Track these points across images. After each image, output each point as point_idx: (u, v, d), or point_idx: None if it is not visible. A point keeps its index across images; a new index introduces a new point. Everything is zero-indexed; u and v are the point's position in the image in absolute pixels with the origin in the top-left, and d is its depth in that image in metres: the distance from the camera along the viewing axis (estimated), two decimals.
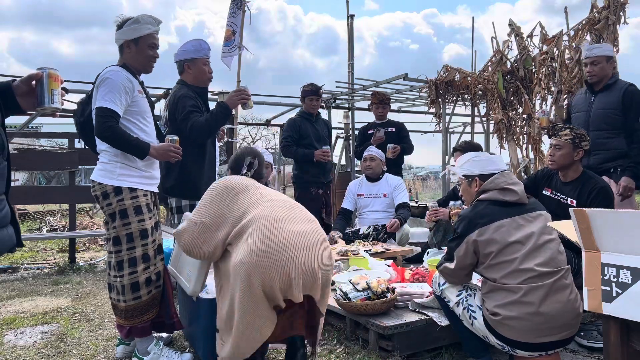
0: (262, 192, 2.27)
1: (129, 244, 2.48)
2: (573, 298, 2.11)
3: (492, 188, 2.28)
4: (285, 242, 1.99)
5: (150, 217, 2.55)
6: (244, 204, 2.18)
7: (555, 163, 2.94)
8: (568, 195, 2.92)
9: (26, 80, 1.61)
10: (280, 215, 2.10)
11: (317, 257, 2.05)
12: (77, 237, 5.94)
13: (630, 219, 1.59)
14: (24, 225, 10.18)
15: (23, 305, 3.79)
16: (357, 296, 2.64)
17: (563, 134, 2.89)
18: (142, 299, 2.49)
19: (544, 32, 5.76)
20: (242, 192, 2.23)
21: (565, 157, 2.89)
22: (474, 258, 2.20)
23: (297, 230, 2.07)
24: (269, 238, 1.99)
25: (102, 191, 2.50)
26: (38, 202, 7.32)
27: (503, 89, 5.80)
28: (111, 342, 2.90)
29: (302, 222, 2.15)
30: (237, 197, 2.21)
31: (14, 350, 2.81)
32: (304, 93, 4.83)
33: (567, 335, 2.10)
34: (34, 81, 1.62)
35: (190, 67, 3.22)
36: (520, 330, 2.06)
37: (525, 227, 2.16)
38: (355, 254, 3.57)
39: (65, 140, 5.80)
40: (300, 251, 2.00)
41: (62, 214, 9.58)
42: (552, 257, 2.14)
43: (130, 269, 2.47)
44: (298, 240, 2.03)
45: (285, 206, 2.21)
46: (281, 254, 1.96)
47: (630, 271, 1.57)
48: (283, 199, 2.31)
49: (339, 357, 2.55)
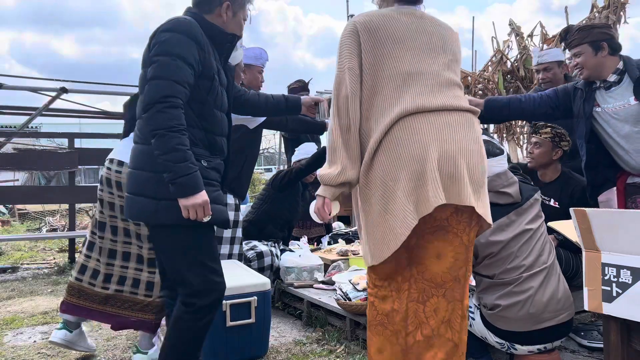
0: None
1: None
2: (562, 279, 2.17)
3: (489, 190, 2.28)
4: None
5: None
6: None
7: (534, 161, 2.93)
8: (550, 196, 2.91)
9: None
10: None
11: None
12: (77, 237, 5.94)
13: (631, 219, 1.59)
14: (24, 225, 10.19)
15: (23, 305, 3.78)
16: (357, 296, 2.64)
17: (543, 131, 2.89)
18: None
19: (544, 31, 5.77)
20: None
21: (544, 155, 2.88)
22: (473, 260, 2.20)
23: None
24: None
25: None
26: (38, 202, 7.34)
27: (503, 89, 5.81)
28: (111, 342, 2.90)
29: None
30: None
31: (13, 350, 2.81)
32: (292, 90, 4.83)
33: (565, 317, 2.11)
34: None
35: (245, 72, 3.30)
36: (519, 320, 2.06)
37: (519, 221, 2.18)
38: (355, 254, 3.57)
39: (65, 140, 5.80)
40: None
41: (62, 214, 9.59)
42: (545, 242, 2.19)
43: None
44: None
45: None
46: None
47: (630, 271, 1.57)
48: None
49: (339, 357, 2.55)
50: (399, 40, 1.69)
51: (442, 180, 1.57)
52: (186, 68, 1.76)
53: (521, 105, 2.71)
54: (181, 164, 1.70)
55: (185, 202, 1.72)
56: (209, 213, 1.78)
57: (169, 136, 1.69)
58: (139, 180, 1.84)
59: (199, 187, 1.74)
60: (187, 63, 1.77)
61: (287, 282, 3.31)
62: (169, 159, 1.69)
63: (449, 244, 1.67)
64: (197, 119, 1.86)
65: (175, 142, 1.69)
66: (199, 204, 1.73)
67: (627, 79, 2.45)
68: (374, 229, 1.65)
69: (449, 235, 1.66)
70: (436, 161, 1.57)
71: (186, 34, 1.80)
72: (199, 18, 1.91)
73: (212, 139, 1.93)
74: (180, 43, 1.77)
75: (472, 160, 1.64)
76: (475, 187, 1.64)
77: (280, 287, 3.39)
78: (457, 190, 1.58)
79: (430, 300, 1.67)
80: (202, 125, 1.88)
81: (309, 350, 2.65)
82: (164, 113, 1.69)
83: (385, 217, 1.61)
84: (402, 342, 1.68)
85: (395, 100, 1.65)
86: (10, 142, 5.66)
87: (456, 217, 1.65)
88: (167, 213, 1.78)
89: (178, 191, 1.72)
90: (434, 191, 1.54)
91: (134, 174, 1.87)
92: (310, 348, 2.69)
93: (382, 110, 1.65)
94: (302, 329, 3.02)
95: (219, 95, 1.94)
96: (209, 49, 1.89)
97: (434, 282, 1.67)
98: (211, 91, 1.89)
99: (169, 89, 1.72)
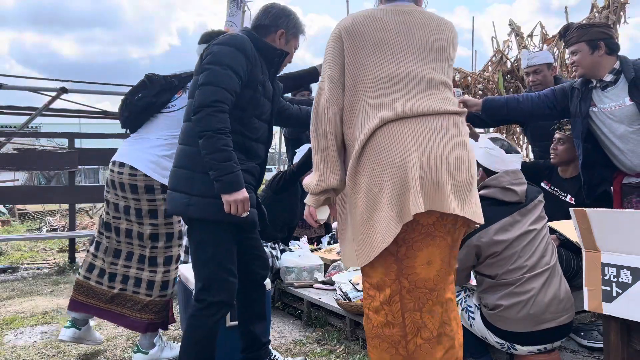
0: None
1: (168, 242, 2.48)
2: (564, 281, 2.17)
3: (495, 185, 2.27)
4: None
5: (179, 220, 2.56)
6: None
7: (557, 157, 2.92)
8: (567, 192, 2.91)
9: None
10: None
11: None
12: (77, 237, 5.94)
13: (630, 219, 1.59)
14: (24, 225, 10.19)
15: (23, 305, 3.78)
16: (357, 296, 2.64)
17: (567, 128, 2.88)
18: (166, 297, 2.51)
19: (544, 32, 5.77)
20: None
21: (567, 151, 2.88)
22: (476, 260, 2.20)
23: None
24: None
25: (146, 183, 2.40)
26: (38, 202, 7.34)
27: (503, 89, 5.81)
28: (111, 342, 2.90)
29: None
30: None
31: (13, 350, 2.81)
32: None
33: (566, 319, 2.11)
34: None
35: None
36: (520, 320, 2.06)
37: (523, 221, 2.17)
38: None
39: (65, 140, 5.80)
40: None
41: (62, 214, 9.59)
42: (547, 243, 2.19)
43: (165, 267, 2.48)
44: None
45: None
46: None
47: (630, 271, 1.57)
48: None
49: (339, 357, 2.56)
50: (381, 43, 1.66)
51: (425, 187, 1.57)
52: (234, 77, 1.94)
53: (519, 105, 2.72)
54: (226, 163, 1.87)
55: (228, 197, 1.88)
56: (248, 209, 1.94)
57: (216, 138, 1.86)
58: (177, 177, 2.02)
59: (241, 185, 1.91)
60: (235, 73, 1.95)
61: (287, 282, 3.31)
62: (215, 158, 1.86)
63: (437, 248, 1.66)
64: (236, 125, 1.99)
65: (221, 143, 1.86)
66: (240, 199, 1.90)
67: (623, 79, 2.45)
68: (360, 232, 1.65)
69: (437, 240, 1.66)
70: (418, 169, 1.57)
71: (236, 47, 1.99)
72: (252, 36, 2.09)
73: (249, 144, 2.07)
74: (230, 55, 1.96)
75: (456, 164, 1.62)
76: (459, 192, 1.63)
77: (280, 287, 3.39)
78: (440, 197, 1.58)
79: (426, 305, 1.66)
80: (240, 130, 2.02)
81: (309, 350, 2.65)
82: (213, 116, 1.86)
83: (369, 223, 1.62)
84: (403, 351, 1.66)
85: (378, 106, 1.63)
86: (10, 142, 5.66)
87: (441, 222, 1.65)
88: (197, 208, 1.96)
89: (222, 187, 1.88)
90: (414, 200, 1.54)
91: (175, 172, 2.05)
92: (310, 348, 2.69)
93: (365, 116, 1.65)
94: (302, 329, 3.02)
95: (259, 104, 2.09)
96: (257, 62, 2.05)
97: (427, 287, 1.66)
98: (252, 100, 2.05)
99: (218, 94, 1.89)
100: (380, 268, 1.64)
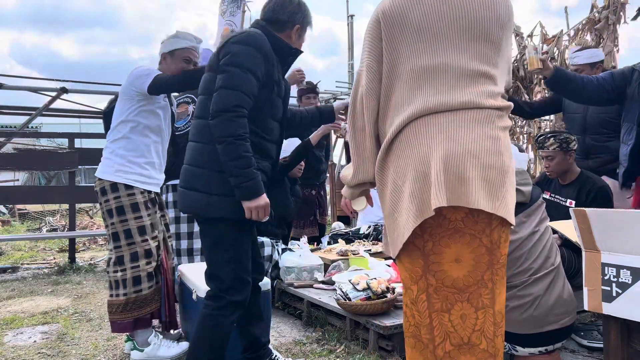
0: None
1: (128, 239, 2.52)
2: (567, 282, 2.17)
3: None
4: None
5: (149, 215, 2.59)
6: None
7: (553, 172, 2.95)
8: (567, 197, 2.93)
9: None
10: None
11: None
12: (77, 237, 5.94)
13: (630, 219, 1.59)
14: (24, 225, 10.19)
15: (23, 305, 3.79)
16: (357, 296, 2.64)
17: (549, 144, 2.89)
18: (142, 292, 2.54)
19: (544, 32, 5.76)
20: None
21: (561, 164, 2.90)
22: None
23: None
24: None
25: (100, 187, 2.55)
26: (38, 202, 7.33)
27: None
28: (111, 342, 2.90)
29: None
30: None
31: (14, 350, 2.81)
32: (301, 92, 4.82)
33: (568, 322, 2.11)
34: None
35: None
36: (522, 322, 2.06)
37: (529, 222, 2.17)
38: (355, 254, 3.57)
39: (65, 140, 5.80)
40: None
41: (62, 214, 9.59)
42: (552, 244, 2.19)
43: (132, 263, 2.52)
44: None
45: None
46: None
47: (630, 271, 1.57)
48: None
49: (339, 357, 2.56)
50: (419, 29, 1.53)
51: (450, 181, 1.49)
52: (253, 80, 1.91)
53: (583, 84, 2.73)
54: (247, 170, 1.86)
55: (249, 204, 1.89)
56: (269, 213, 1.95)
57: (236, 144, 1.84)
58: (193, 176, 1.98)
59: (261, 191, 1.91)
60: (255, 75, 1.92)
61: (287, 282, 3.31)
62: (237, 164, 1.85)
63: (467, 246, 1.55)
64: (252, 125, 1.96)
65: (242, 150, 1.86)
66: (262, 205, 1.90)
67: None
68: (388, 226, 1.64)
69: (466, 237, 1.55)
70: (442, 162, 1.49)
71: (256, 47, 1.94)
72: (268, 33, 2.04)
73: (263, 144, 2.05)
74: (250, 56, 1.92)
75: (486, 158, 1.51)
76: (491, 187, 1.52)
77: (280, 287, 3.39)
78: (466, 192, 1.49)
79: (455, 307, 1.56)
80: (255, 130, 1.99)
81: (309, 350, 2.65)
82: (233, 122, 1.85)
83: (394, 216, 1.59)
84: (431, 356, 1.57)
85: (409, 100, 1.56)
86: (10, 142, 5.66)
87: (472, 218, 1.54)
88: (217, 207, 1.93)
89: (243, 194, 1.88)
90: (436, 193, 1.47)
91: (189, 170, 2.00)
92: (310, 348, 2.69)
93: (396, 110, 1.58)
94: (302, 329, 3.03)
95: (274, 104, 2.07)
96: (273, 61, 2.02)
97: (456, 287, 1.55)
98: (268, 100, 2.02)
99: (238, 99, 1.87)
100: (407, 263, 1.58)
